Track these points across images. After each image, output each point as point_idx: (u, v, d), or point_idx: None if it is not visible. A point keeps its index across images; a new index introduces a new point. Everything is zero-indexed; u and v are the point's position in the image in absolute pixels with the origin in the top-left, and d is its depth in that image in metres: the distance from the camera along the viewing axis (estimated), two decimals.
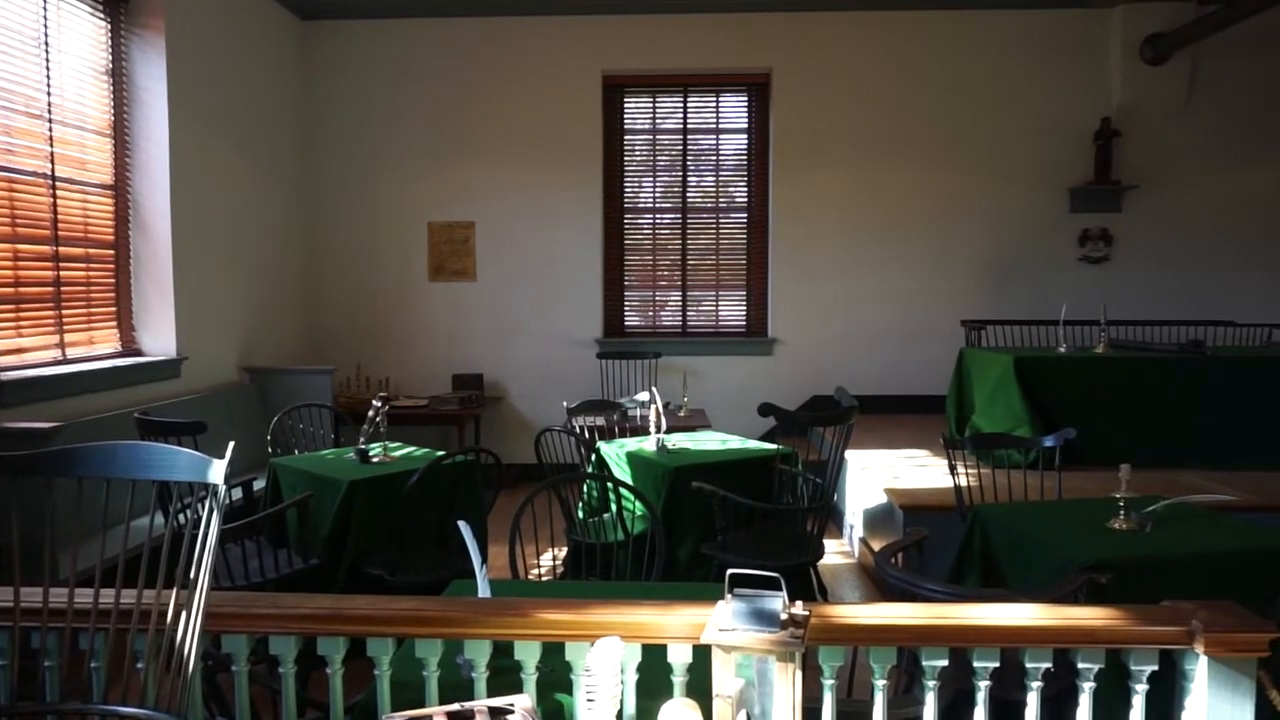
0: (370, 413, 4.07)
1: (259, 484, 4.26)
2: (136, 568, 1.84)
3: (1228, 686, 1.74)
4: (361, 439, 4.06)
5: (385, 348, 7.20)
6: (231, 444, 1.83)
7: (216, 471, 1.76)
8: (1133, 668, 1.80)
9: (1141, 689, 1.80)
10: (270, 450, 4.62)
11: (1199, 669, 1.76)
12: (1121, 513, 2.93)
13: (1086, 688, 1.82)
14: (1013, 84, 7.02)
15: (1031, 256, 7.11)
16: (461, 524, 2.20)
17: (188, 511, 2.00)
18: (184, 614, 1.73)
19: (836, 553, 5.31)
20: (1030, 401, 5.16)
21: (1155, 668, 1.80)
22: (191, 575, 1.74)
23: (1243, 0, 6.05)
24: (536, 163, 7.11)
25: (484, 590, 2.16)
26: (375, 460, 4.03)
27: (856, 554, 5.25)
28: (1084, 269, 7.13)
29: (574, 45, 7.04)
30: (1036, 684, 1.82)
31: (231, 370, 6.01)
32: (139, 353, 5.21)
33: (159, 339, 5.28)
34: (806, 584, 3.98)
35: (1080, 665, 1.81)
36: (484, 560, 2.21)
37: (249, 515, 3.57)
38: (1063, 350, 5.59)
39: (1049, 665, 1.81)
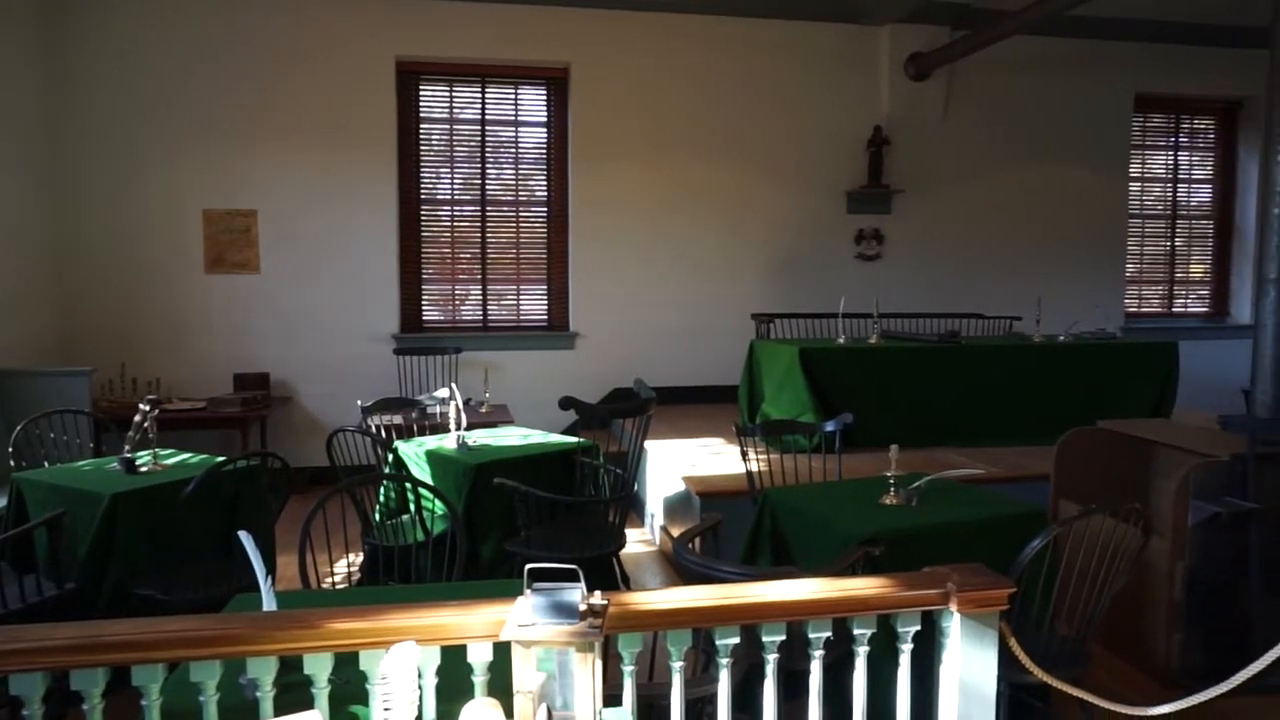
0: (137, 417, 3.71)
1: None
2: None
3: (976, 638, 1.95)
4: (127, 447, 3.69)
5: (155, 346, 6.57)
6: None
7: None
8: (900, 629, 1.98)
9: (907, 648, 1.99)
10: (13, 464, 4.09)
11: (953, 625, 1.96)
12: (891, 490, 3.21)
13: (861, 652, 1.98)
14: (798, 91, 7.47)
15: (814, 254, 7.62)
16: (242, 534, 2.05)
17: None
18: None
19: (638, 541, 5.44)
20: (814, 389, 5.53)
21: (918, 628, 1.98)
22: None
23: (986, 29, 6.82)
24: (325, 149, 6.74)
25: (269, 603, 2.03)
26: (144, 470, 3.68)
27: (657, 541, 5.41)
28: (860, 266, 7.72)
29: (365, 27, 6.73)
30: (819, 653, 1.96)
31: None
32: None
33: None
34: (610, 574, 4.05)
35: (856, 631, 1.96)
36: (269, 571, 2.08)
37: None
38: (842, 341, 6.03)
39: (829, 634, 1.95)
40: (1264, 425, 3.71)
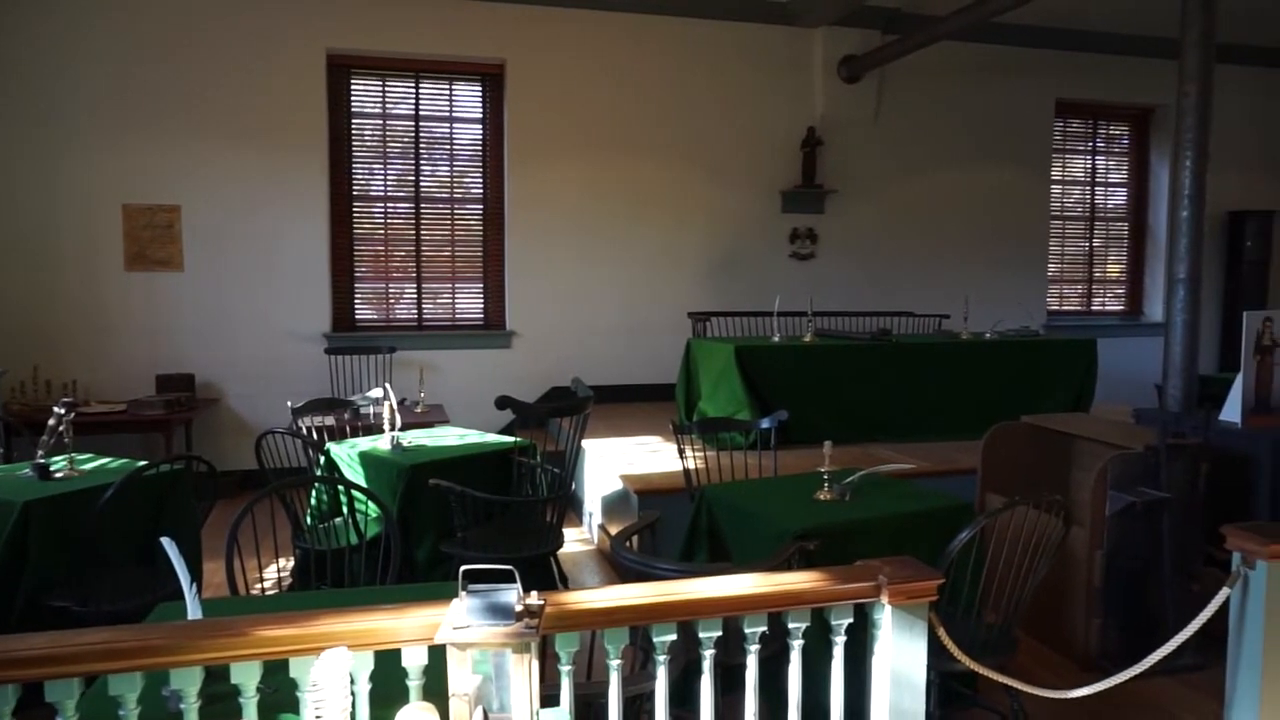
0: (51, 421, 3.55)
1: None
2: None
3: (906, 629, 2.00)
4: (40, 452, 3.53)
5: (70, 347, 6.30)
6: None
7: None
8: (833, 622, 2.01)
9: (840, 640, 2.02)
10: None
11: (884, 617, 2.00)
12: (825, 485, 3.26)
13: (796, 645, 2.01)
14: (733, 91, 7.54)
15: (750, 253, 7.70)
16: (165, 540, 1.98)
17: None
18: None
19: (577, 540, 5.43)
20: (750, 387, 5.59)
21: (851, 620, 2.02)
22: None
23: (915, 33, 6.98)
24: (253, 142, 6.55)
25: (194, 611, 1.97)
26: (59, 476, 3.53)
27: (596, 540, 5.40)
28: (794, 264, 7.83)
29: (294, 18, 6.56)
30: (755, 647, 1.98)
31: None
32: None
33: None
34: (548, 574, 4.03)
35: (790, 625, 1.99)
36: (194, 579, 2.02)
37: None
38: (777, 339, 6.11)
39: (765, 629, 1.97)
40: (1174, 419, 3.88)
